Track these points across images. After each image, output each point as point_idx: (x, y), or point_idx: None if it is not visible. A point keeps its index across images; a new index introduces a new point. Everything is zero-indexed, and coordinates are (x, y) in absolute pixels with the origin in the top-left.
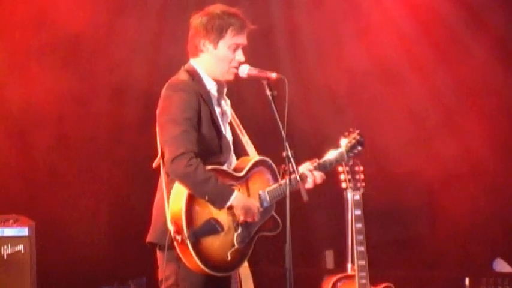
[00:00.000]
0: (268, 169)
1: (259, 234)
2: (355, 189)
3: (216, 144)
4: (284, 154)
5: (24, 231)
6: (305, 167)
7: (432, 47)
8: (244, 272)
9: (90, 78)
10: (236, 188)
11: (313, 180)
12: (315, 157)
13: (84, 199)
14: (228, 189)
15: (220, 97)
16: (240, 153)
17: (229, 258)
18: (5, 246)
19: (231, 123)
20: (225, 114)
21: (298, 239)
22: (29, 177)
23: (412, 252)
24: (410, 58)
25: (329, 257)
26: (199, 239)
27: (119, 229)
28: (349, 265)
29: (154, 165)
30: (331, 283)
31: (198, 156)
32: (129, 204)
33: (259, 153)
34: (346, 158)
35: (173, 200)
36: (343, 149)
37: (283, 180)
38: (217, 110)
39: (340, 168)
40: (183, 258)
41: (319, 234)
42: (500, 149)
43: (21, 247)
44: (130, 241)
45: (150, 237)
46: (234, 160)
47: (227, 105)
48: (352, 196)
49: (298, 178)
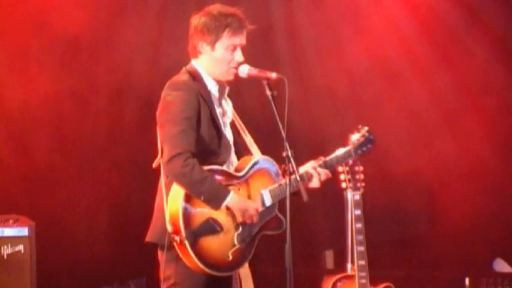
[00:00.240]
0: (270, 168)
1: (262, 233)
2: (355, 189)
3: (216, 144)
4: (284, 154)
5: (24, 231)
6: (310, 165)
7: (432, 47)
8: (244, 272)
9: (90, 78)
10: (236, 187)
11: (318, 178)
12: (314, 157)
13: (84, 199)
14: (224, 190)
15: (221, 97)
16: (243, 153)
17: (231, 257)
18: (5, 246)
19: (233, 123)
20: (226, 114)
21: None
22: (29, 177)
23: (412, 252)
24: (410, 58)
25: (329, 257)
26: (198, 239)
27: (118, 229)
28: (349, 265)
29: (154, 165)
30: (331, 283)
31: (195, 156)
32: (129, 204)
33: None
34: (354, 155)
35: (171, 200)
36: (350, 146)
37: (283, 181)
38: (218, 110)
39: (340, 168)
40: (182, 258)
41: (319, 234)
42: (500, 149)
43: (21, 247)
44: (131, 241)
45: (149, 237)
46: (235, 160)
47: (228, 106)
48: (352, 196)
49: (298, 178)
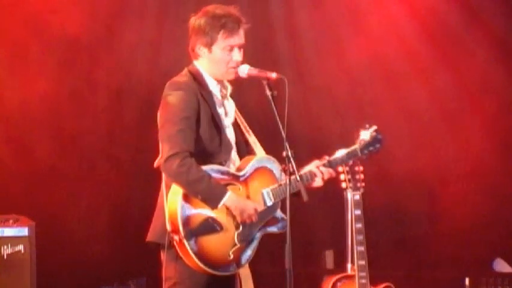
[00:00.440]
0: (272, 168)
1: (265, 232)
2: (355, 189)
3: (216, 144)
4: (284, 154)
5: (24, 231)
6: (313, 164)
7: (432, 47)
8: (244, 272)
9: (90, 78)
10: (236, 186)
11: (321, 177)
12: (314, 157)
13: (84, 199)
14: (222, 189)
15: (224, 97)
16: (246, 153)
17: (231, 257)
18: (5, 246)
19: (236, 123)
20: (228, 114)
21: (298, 239)
22: (29, 177)
23: (412, 252)
24: (410, 58)
25: (329, 257)
26: (197, 238)
27: (119, 229)
28: (349, 265)
29: (156, 164)
30: (331, 283)
31: (194, 156)
32: (129, 204)
33: None
34: (360, 155)
35: (170, 199)
36: (356, 146)
37: (283, 181)
38: (220, 110)
39: (340, 168)
40: (183, 258)
41: (319, 234)
42: (500, 149)
43: (21, 247)
44: (131, 241)
45: (150, 237)
46: (237, 160)
47: (231, 106)
48: (352, 196)
49: (297, 178)
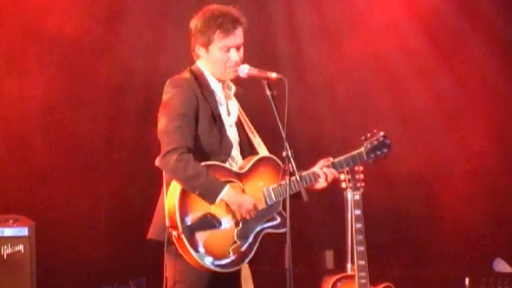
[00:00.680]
0: (274, 167)
1: (265, 231)
2: (355, 189)
3: (217, 142)
4: (284, 154)
5: (24, 231)
6: (318, 165)
7: (432, 48)
8: (244, 272)
9: (90, 78)
10: (236, 184)
11: (324, 178)
12: (314, 157)
13: (84, 199)
14: (220, 184)
15: (227, 97)
16: (250, 153)
17: (231, 254)
18: (5, 246)
19: (240, 123)
20: (231, 114)
21: (298, 239)
22: (29, 177)
23: (412, 252)
24: (411, 58)
25: (329, 257)
26: (196, 234)
27: (118, 229)
28: (349, 265)
29: (156, 162)
30: (331, 283)
31: (192, 152)
32: (128, 204)
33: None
34: (367, 159)
35: (169, 195)
36: (362, 149)
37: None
38: (222, 109)
39: None
40: (183, 255)
41: (319, 234)
42: (500, 149)
43: (21, 247)
44: (130, 241)
45: (150, 234)
46: (239, 159)
47: (234, 106)
48: (352, 196)
49: (297, 178)
